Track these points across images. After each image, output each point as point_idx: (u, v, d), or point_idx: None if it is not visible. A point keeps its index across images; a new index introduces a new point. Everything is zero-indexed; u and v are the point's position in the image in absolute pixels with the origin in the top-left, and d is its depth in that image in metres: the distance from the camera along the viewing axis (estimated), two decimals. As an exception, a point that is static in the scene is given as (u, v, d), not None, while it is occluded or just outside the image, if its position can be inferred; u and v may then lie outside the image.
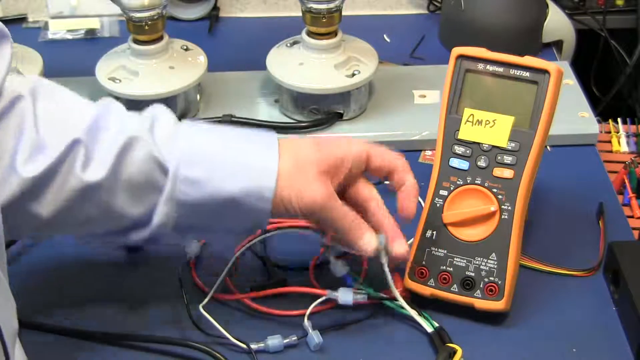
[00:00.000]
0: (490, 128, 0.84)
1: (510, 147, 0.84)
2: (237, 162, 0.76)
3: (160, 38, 1.06)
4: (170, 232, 0.78)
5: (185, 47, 1.10)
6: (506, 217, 0.83)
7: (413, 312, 0.82)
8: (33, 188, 0.74)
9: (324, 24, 1.05)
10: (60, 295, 0.87)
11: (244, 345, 0.81)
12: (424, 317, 0.82)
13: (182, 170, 0.75)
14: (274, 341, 0.81)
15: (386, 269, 0.81)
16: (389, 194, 0.83)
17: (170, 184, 0.75)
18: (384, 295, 0.84)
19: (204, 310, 0.83)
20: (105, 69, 1.07)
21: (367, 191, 0.82)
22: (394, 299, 0.83)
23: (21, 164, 0.74)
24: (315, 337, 0.81)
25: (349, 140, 0.82)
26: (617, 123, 1.11)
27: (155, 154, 0.76)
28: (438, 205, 0.85)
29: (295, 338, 0.82)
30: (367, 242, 0.80)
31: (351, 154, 0.80)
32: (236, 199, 0.76)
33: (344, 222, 0.79)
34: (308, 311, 0.82)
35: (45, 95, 0.78)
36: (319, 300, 0.83)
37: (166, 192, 0.76)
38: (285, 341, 0.82)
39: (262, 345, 0.81)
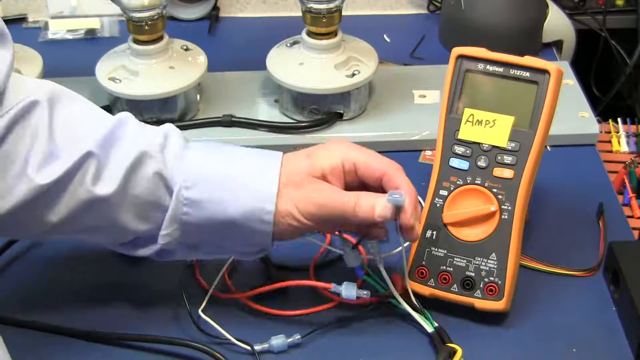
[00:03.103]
0: (490, 128, 0.84)
1: (510, 147, 0.84)
2: (239, 186, 0.77)
3: (160, 38, 1.06)
4: (177, 250, 0.79)
5: (185, 47, 1.10)
6: (506, 217, 0.83)
7: (413, 312, 0.82)
8: (45, 194, 0.74)
9: (324, 24, 1.05)
10: (61, 295, 0.87)
11: (247, 347, 0.81)
12: (424, 317, 0.82)
13: (184, 192, 0.76)
14: (278, 341, 0.81)
15: (383, 271, 0.82)
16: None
17: (174, 204, 0.76)
18: (388, 294, 0.84)
19: (205, 310, 0.83)
20: (105, 69, 1.07)
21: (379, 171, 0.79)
22: (395, 298, 0.83)
23: (34, 170, 0.74)
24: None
25: (335, 147, 0.80)
26: (617, 123, 1.11)
27: (163, 172, 0.76)
28: (438, 205, 0.85)
29: (299, 337, 0.82)
30: (365, 204, 0.76)
31: (335, 164, 0.79)
32: (237, 221, 0.77)
33: (337, 202, 0.77)
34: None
35: (64, 105, 0.77)
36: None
37: (170, 211, 0.77)
38: (289, 340, 0.82)
39: (266, 345, 0.81)
